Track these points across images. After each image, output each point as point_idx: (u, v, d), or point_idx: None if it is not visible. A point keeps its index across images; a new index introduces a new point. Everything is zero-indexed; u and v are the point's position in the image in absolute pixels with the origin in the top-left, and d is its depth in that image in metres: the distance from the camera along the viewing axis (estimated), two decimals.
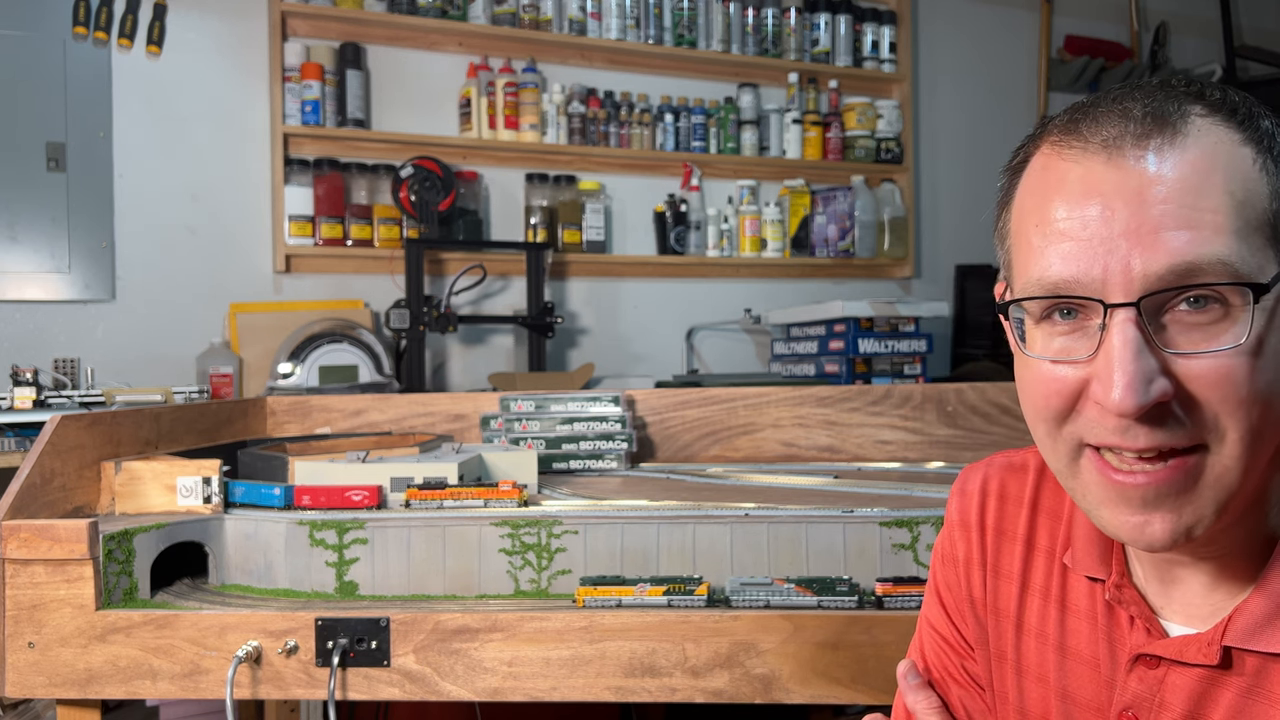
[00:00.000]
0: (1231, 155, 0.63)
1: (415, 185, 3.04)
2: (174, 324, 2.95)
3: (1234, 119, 0.64)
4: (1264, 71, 4.41)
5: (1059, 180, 0.65)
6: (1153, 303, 0.62)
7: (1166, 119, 0.63)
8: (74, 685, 1.16)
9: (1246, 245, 0.61)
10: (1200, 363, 0.61)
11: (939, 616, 0.90)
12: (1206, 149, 0.62)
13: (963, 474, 0.90)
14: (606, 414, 1.83)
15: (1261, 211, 0.63)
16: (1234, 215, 0.61)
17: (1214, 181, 0.62)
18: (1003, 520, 0.85)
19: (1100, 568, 0.76)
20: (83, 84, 2.87)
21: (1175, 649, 0.70)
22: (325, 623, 1.15)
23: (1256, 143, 0.64)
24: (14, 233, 2.80)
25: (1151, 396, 0.61)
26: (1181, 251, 0.61)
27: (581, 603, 1.18)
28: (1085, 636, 0.77)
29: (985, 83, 4.16)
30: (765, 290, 3.72)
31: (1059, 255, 0.64)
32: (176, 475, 1.35)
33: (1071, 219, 0.64)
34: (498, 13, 3.27)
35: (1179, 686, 0.70)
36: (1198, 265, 0.61)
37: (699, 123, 3.57)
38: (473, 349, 3.32)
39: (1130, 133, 0.63)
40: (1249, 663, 0.67)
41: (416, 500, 1.35)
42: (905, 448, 1.90)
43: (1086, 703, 0.77)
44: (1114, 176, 0.63)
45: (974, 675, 0.87)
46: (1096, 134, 0.64)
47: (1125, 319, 0.62)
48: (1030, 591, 0.82)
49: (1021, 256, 0.68)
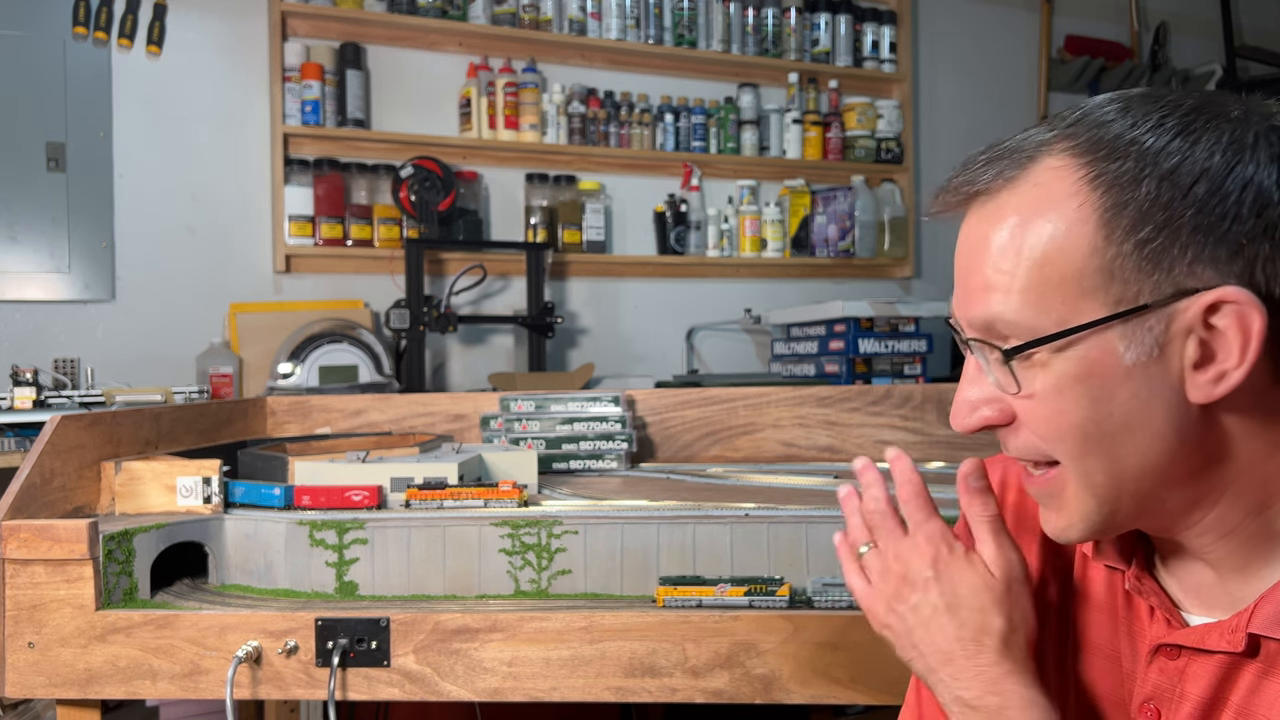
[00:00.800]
0: (1055, 208, 0.65)
1: (415, 185, 3.04)
2: (174, 324, 2.95)
3: (1094, 156, 0.65)
4: (1264, 71, 4.41)
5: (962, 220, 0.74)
6: (978, 346, 0.70)
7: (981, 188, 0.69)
8: (74, 685, 1.16)
9: (1033, 302, 0.66)
10: (1013, 399, 0.68)
11: None
12: (1031, 201, 0.66)
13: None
14: (606, 414, 1.83)
15: (1073, 265, 0.64)
16: (1028, 274, 0.66)
17: (1021, 240, 0.66)
18: (1021, 512, 0.85)
19: (1120, 558, 0.77)
20: (83, 84, 2.87)
21: (1196, 637, 0.70)
22: (325, 623, 1.15)
23: (1108, 185, 0.64)
24: (14, 233, 2.80)
25: (973, 422, 0.70)
26: (980, 307, 0.68)
27: (661, 602, 1.17)
28: (1104, 629, 0.78)
29: (985, 83, 4.16)
30: (765, 290, 3.72)
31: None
32: (176, 475, 1.35)
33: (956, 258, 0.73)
34: (498, 13, 3.27)
35: (1199, 676, 0.70)
36: (988, 321, 0.68)
37: (699, 123, 3.57)
38: (473, 349, 3.32)
39: (960, 194, 0.70)
40: (1271, 647, 0.68)
41: (416, 500, 1.35)
42: (905, 448, 1.88)
43: (1105, 695, 0.77)
44: (966, 223, 0.71)
45: None
46: (960, 180, 0.71)
47: (970, 350, 0.71)
48: (1048, 584, 0.83)
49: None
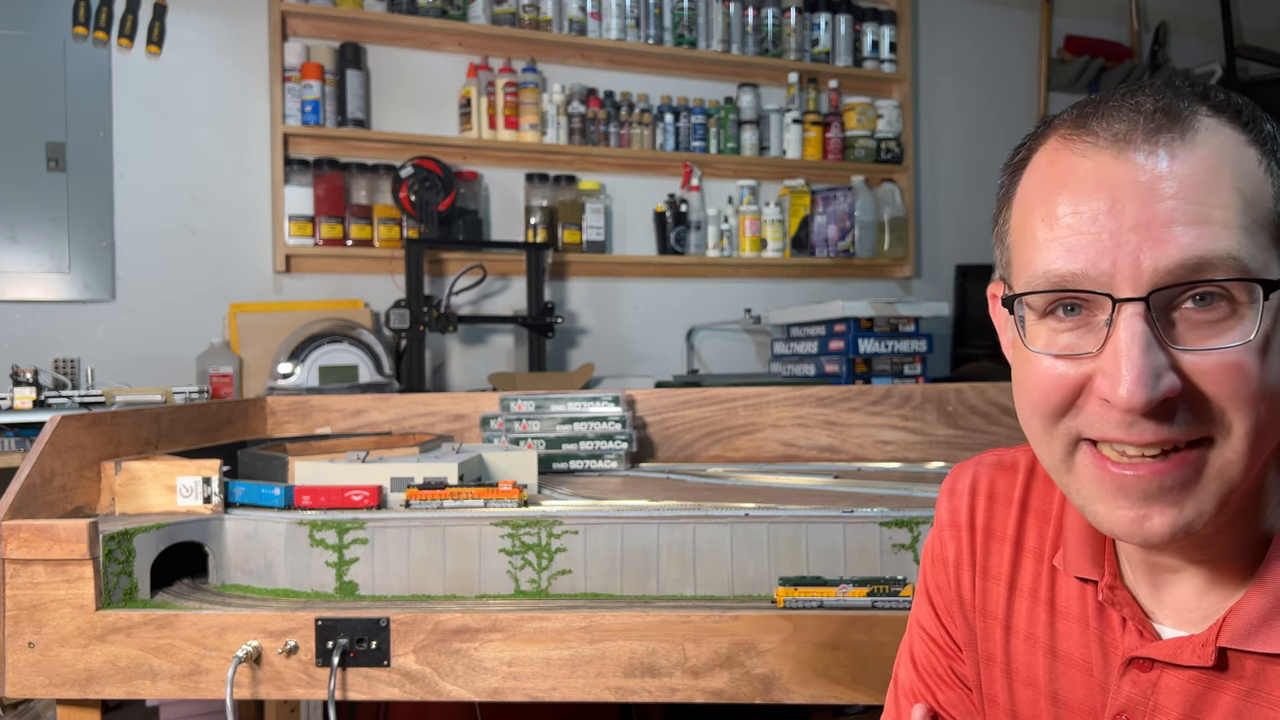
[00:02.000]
0: (1239, 155, 0.63)
1: (415, 185, 3.04)
2: (174, 324, 2.95)
3: (1239, 120, 0.64)
4: (1264, 71, 4.41)
5: (1066, 174, 0.65)
6: (1161, 299, 0.61)
7: (1177, 115, 0.63)
8: (74, 685, 1.16)
9: (1254, 243, 0.61)
10: (1208, 359, 0.61)
11: (928, 617, 0.89)
12: (1215, 147, 0.62)
13: (952, 473, 0.89)
14: (606, 414, 1.83)
15: (1267, 211, 0.63)
16: (1242, 213, 0.61)
17: (1223, 179, 0.61)
18: (991, 520, 0.84)
19: (1093, 569, 0.75)
20: (83, 84, 2.87)
21: (1169, 651, 0.69)
22: (325, 623, 1.15)
23: (1260, 144, 0.64)
24: (14, 233, 2.80)
25: (1160, 392, 0.60)
26: (1192, 246, 0.60)
27: (782, 603, 1.16)
28: (1076, 639, 0.76)
29: (985, 83, 4.16)
30: (765, 290, 3.72)
31: (1066, 248, 0.63)
32: (176, 475, 1.35)
33: (1080, 213, 0.63)
34: (498, 13, 3.27)
35: (1174, 689, 0.69)
36: (1208, 260, 0.60)
37: (699, 123, 3.57)
38: (473, 349, 3.32)
39: (1141, 128, 0.63)
40: (1248, 665, 0.66)
41: (416, 500, 1.35)
42: (905, 448, 1.90)
43: (1078, 706, 0.76)
44: (1124, 171, 0.62)
45: (962, 676, 0.87)
46: (1107, 129, 0.64)
47: (1134, 314, 0.61)
48: (1019, 593, 0.81)
49: (1025, 251, 0.67)
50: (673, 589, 1.26)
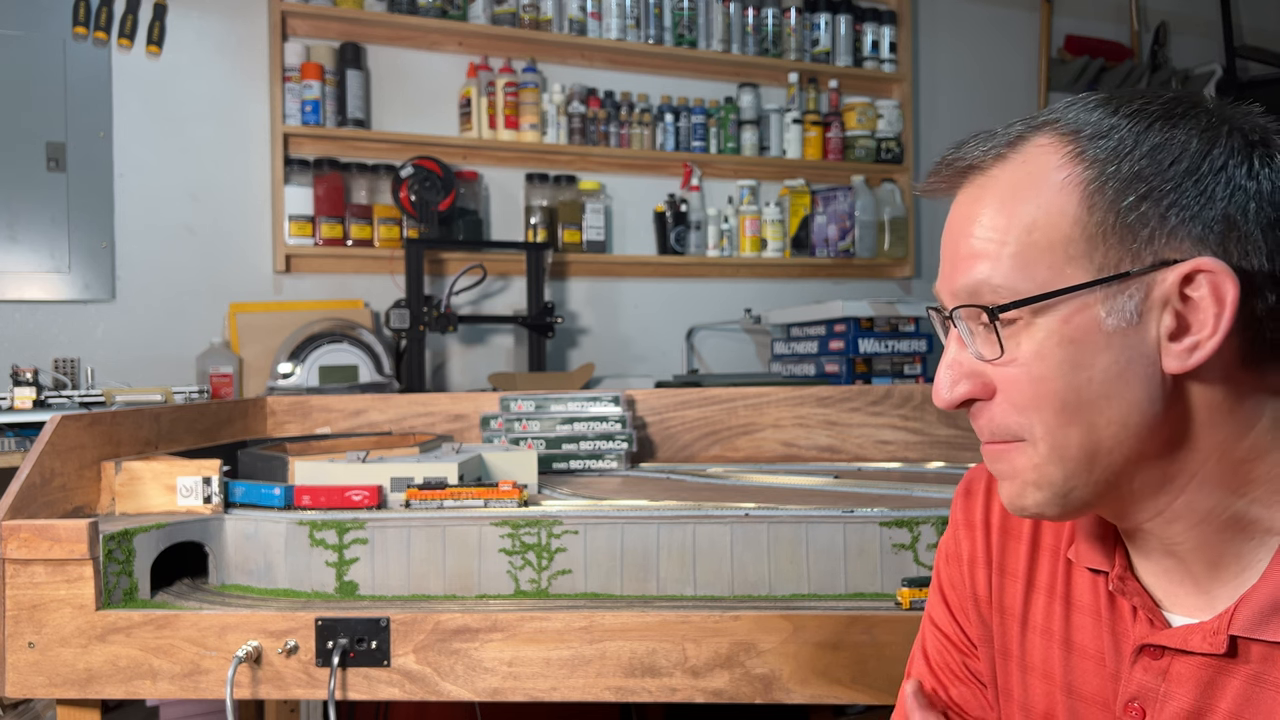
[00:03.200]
0: (1043, 179, 0.69)
1: (415, 185, 3.04)
2: (174, 324, 2.95)
3: (1078, 136, 0.69)
4: (1264, 71, 4.41)
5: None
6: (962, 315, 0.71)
7: (998, 146, 0.71)
8: (74, 685, 1.16)
9: (1020, 266, 0.68)
10: (993, 369, 0.70)
11: (942, 615, 0.91)
12: (1021, 175, 0.69)
13: (967, 476, 0.92)
14: (606, 414, 1.83)
15: (1060, 231, 0.68)
16: (1014, 240, 0.68)
17: (1008, 207, 0.69)
18: (1008, 519, 0.86)
19: (1103, 560, 0.77)
20: (83, 84, 2.87)
21: (1179, 638, 0.71)
22: (325, 623, 1.15)
23: (1092, 159, 0.68)
24: (14, 233, 2.80)
25: (955, 396, 0.71)
26: (964, 274, 0.70)
27: (908, 604, 1.16)
28: (1090, 631, 0.78)
29: (985, 83, 4.16)
30: (765, 290, 3.72)
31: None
32: (176, 475, 1.35)
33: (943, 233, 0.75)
34: (498, 13, 3.27)
35: (1184, 676, 0.71)
36: (972, 287, 0.69)
37: (699, 123, 3.57)
38: (473, 349, 3.32)
39: (970, 155, 0.72)
40: (1255, 651, 0.68)
41: (416, 500, 1.35)
42: (905, 448, 1.90)
43: (1091, 696, 0.78)
44: (956, 201, 0.73)
45: (976, 673, 0.89)
46: (955, 157, 0.73)
47: (951, 326, 0.72)
48: (1036, 589, 0.83)
49: None
50: (673, 589, 1.26)
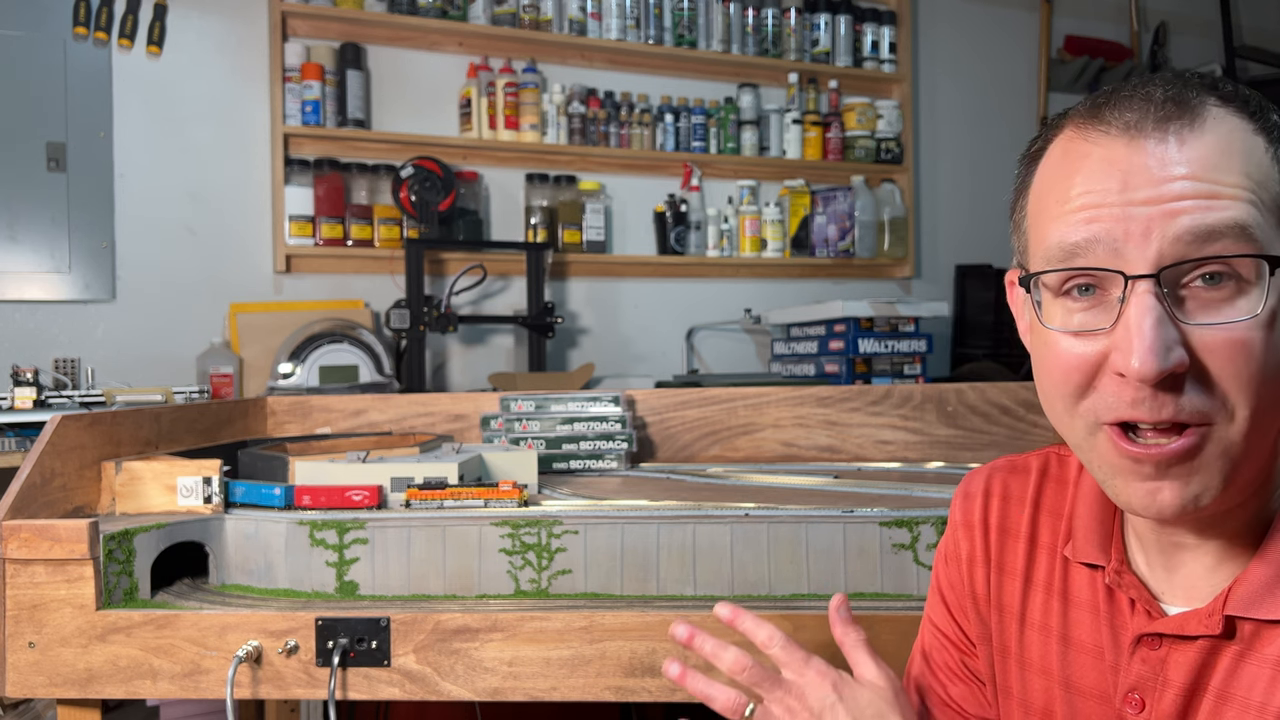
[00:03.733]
0: (1246, 141, 0.65)
1: (415, 185, 3.04)
2: (174, 324, 2.95)
3: (1246, 109, 0.67)
4: (1264, 71, 4.41)
5: (1080, 160, 0.68)
6: (1171, 275, 0.64)
7: (1186, 104, 0.65)
8: (74, 685, 1.16)
9: (1263, 219, 0.64)
10: (1215, 334, 0.63)
11: (941, 614, 0.92)
12: (1222, 134, 0.65)
13: (966, 478, 0.92)
14: (606, 414, 1.83)
15: (1275, 194, 0.65)
16: (1251, 191, 0.64)
17: (1231, 162, 0.64)
18: (1006, 519, 0.87)
19: (1100, 554, 0.78)
20: (83, 84, 2.87)
21: (1176, 625, 0.71)
22: (325, 623, 1.15)
23: (1267, 133, 0.67)
24: (14, 233, 2.80)
25: (1170, 363, 0.62)
26: (1201, 218, 0.63)
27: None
28: (1087, 626, 0.79)
29: (985, 83, 4.16)
30: (765, 290, 3.72)
31: (1079, 221, 0.66)
32: (177, 475, 1.35)
33: (1092, 192, 0.66)
34: (498, 13, 3.27)
35: (1181, 663, 0.71)
36: (1215, 229, 0.63)
37: (699, 123, 3.57)
38: (473, 349, 3.33)
39: (1151, 116, 0.66)
40: (1246, 629, 0.69)
41: (417, 500, 1.35)
42: (905, 448, 1.90)
43: (1089, 691, 0.78)
44: (1135, 156, 0.65)
45: (975, 671, 0.89)
46: (1119, 118, 0.66)
47: (1145, 290, 0.63)
48: (1034, 586, 0.84)
49: (1040, 231, 0.70)
50: (673, 589, 1.26)
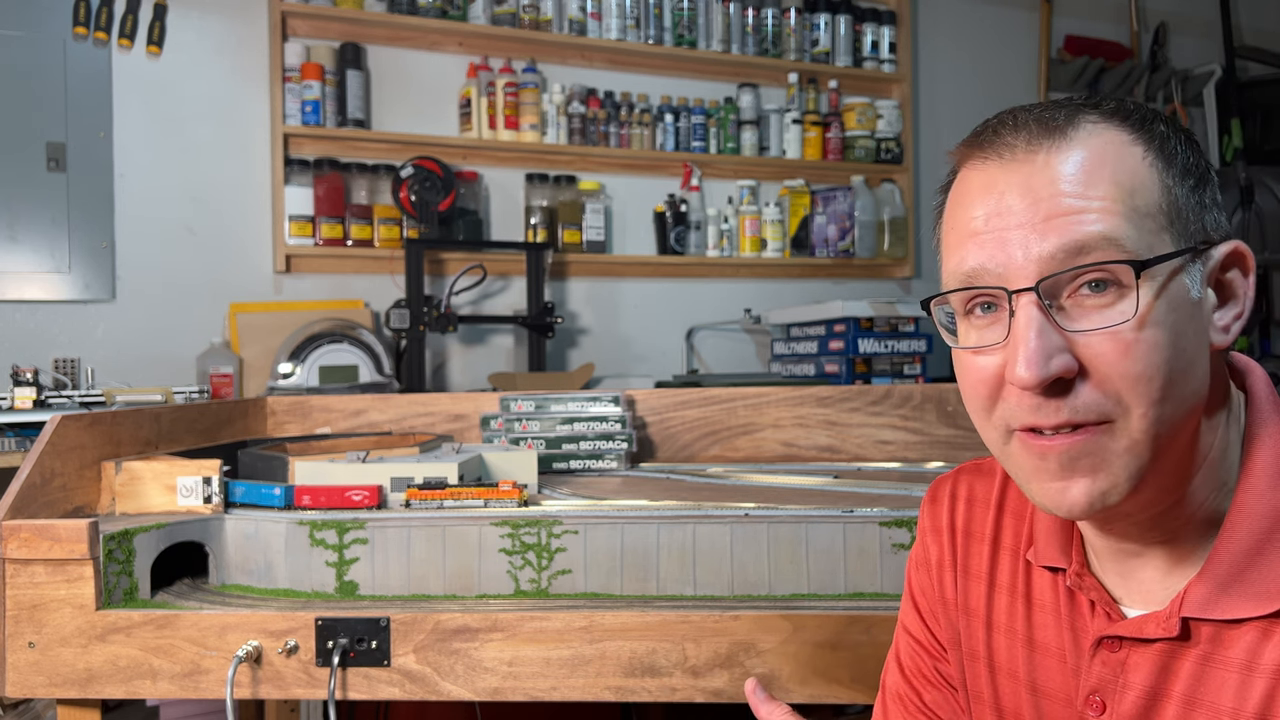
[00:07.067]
0: (1119, 152, 0.68)
1: (415, 185, 3.04)
2: (174, 324, 2.95)
3: (1126, 122, 0.70)
4: (1264, 71, 4.41)
5: (968, 188, 0.72)
6: (1050, 287, 0.67)
7: (1054, 125, 0.70)
8: (74, 685, 1.16)
9: (1134, 227, 0.66)
10: (1099, 338, 0.66)
11: (914, 621, 0.92)
12: (1095, 148, 0.69)
13: (933, 484, 0.93)
14: (606, 414, 1.83)
15: (1152, 201, 0.67)
16: (1121, 201, 0.67)
17: (1101, 174, 0.67)
18: (971, 522, 0.87)
19: (1061, 558, 0.79)
20: (83, 84, 2.87)
21: (1135, 627, 0.72)
22: (325, 623, 1.15)
23: (1147, 142, 0.69)
24: (14, 233, 2.80)
25: (1052, 370, 0.65)
26: (1070, 232, 0.66)
27: None
28: (1051, 629, 0.80)
29: (985, 83, 4.16)
30: (765, 290, 3.72)
31: (971, 248, 0.70)
32: (176, 475, 1.35)
33: (976, 218, 0.70)
34: (498, 13, 3.27)
35: (1140, 666, 0.72)
36: (1085, 243, 0.66)
37: (699, 123, 3.57)
38: (473, 349, 3.32)
39: (1021, 139, 0.70)
40: (1205, 631, 0.70)
41: (416, 500, 1.35)
42: (905, 448, 1.90)
43: (1055, 693, 0.79)
44: (1010, 177, 0.69)
45: (947, 676, 0.90)
46: (993, 146, 0.71)
47: (1027, 302, 0.67)
48: (998, 589, 0.84)
49: (946, 258, 0.74)
50: (673, 589, 1.26)
